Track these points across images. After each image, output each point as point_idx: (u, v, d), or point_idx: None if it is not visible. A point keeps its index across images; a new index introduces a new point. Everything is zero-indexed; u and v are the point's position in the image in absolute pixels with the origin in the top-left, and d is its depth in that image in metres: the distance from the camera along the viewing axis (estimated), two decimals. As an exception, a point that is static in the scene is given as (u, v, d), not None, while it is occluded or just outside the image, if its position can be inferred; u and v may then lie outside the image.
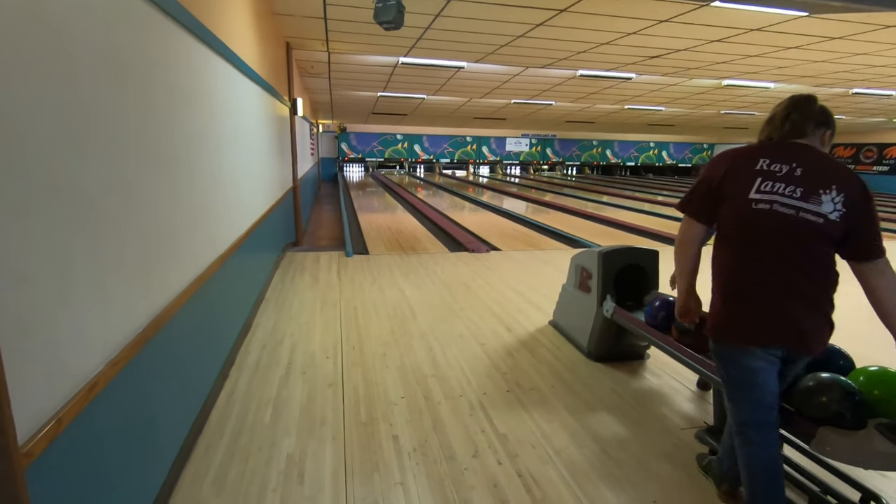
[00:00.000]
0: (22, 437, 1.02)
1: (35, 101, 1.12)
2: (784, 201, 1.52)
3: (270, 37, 4.83)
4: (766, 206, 1.53)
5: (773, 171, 1.55)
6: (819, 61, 6.53)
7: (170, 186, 1.99)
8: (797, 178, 1.52)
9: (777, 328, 1.57)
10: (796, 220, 1.51)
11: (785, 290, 1.55)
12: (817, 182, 1.52)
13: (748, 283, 1.59)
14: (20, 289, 1.06)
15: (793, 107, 1.62)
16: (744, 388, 1.65)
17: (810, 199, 1.51)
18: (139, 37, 1.73)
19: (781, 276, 1.55)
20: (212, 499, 1.90)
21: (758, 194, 1.54)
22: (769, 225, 1.53)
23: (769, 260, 1.55)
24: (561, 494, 1.98)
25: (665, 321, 2.59)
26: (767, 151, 1.60)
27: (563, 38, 5.66)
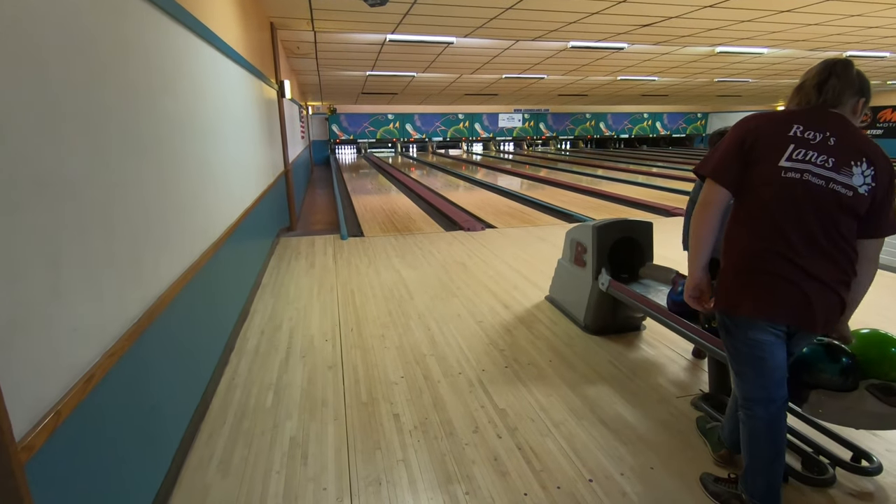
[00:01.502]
0: (20, 432, 1.02)
1: (10, 93, 1.09)
2: (816, 171, 1.43)
3: (253, 17, 4.71)
4: (797, 176, 1.44)
5: (808, 139, 1.44)
6: (812, 24, 6.44)
7: (156, 174, 1.96)
8: (830, 147, 1.44)
9: (789, 304, 1.48)
10: (825, 191, 1.43)
11: (803, 265, 1.46)
12: (850, 153, 1.44)
13: (765, 255, 1.49)
14: (11, 284, 1.05)
15: (831, 72, 1.49)
16: (751, 363, 1.59)
17: (841, 171, 1.43)
18: (115, 22, 1.68)
19: (801, 250, 1.46)
20: (217, 483, 1.93)
21: (789, 162, 1.44)
22: (797, 196, 1.44)
23: (791, 233, 1.46)
24: (560, 465, 2.02)
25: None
26: (801, 117, 1.49)
27: (553, 9, 5.55)
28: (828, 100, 1.49)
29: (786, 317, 1.51)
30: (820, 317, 1.49)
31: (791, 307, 1.49)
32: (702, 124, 26.91)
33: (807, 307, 1.48)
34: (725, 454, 1.98)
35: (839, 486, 1.87)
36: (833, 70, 1.49)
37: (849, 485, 1.88)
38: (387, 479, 1.95)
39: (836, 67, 1.50)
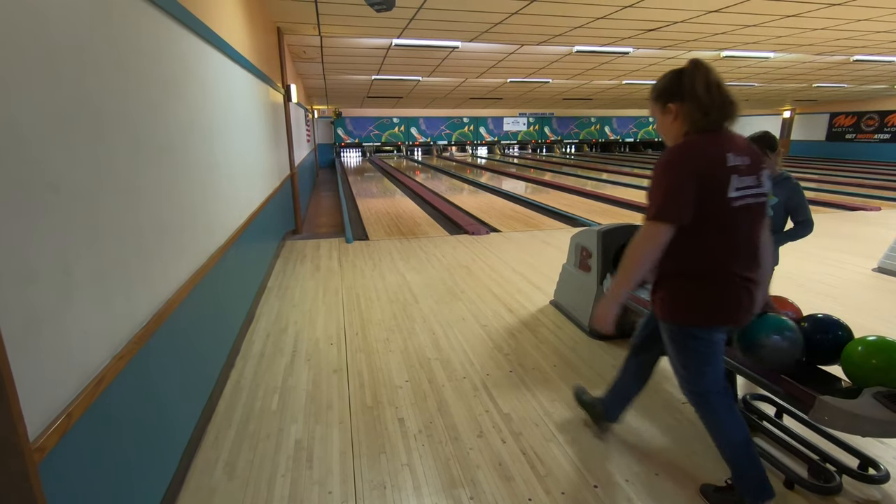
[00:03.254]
0: (33, 434, 1.04)
1: (28, 100, 1.12)
2: (752, 192, 1.59)
3: (260, 22, 4.75)
4: (741, 203, 1.57)
5: (739, 167, 1.56)
6: (819, 29, 6.42)
7: (165, 179, 1.98)
8: (749, 167, 1.58)
9: (749, 310, 1.68)
10: (758, 205, 1.62)
11: (751, 276, 1.64)
12: (757, 166, 1.61)
13: (726, 274, 1.62)
14: (24, 288, 1.07)
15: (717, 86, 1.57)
16: (709, 362, 1.73)
17: (760, 183, 1.61)
18: (126, 27, 1.70)
19: (750, 263, 1.64)
20: (223, 485, 1.94)
21: (736, 192, 1.56)
22: (745, 218, 1.60)
23: (743, 251, 1.62)
24: (565, 470, 2.02)
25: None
26: (729, 145, 1.57)
27: (558, 14, 5.56)
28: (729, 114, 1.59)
29: (747, 319, 1.71)
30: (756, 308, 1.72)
31: (748, 311, 1.69)
32: (707, 128, 26.80)
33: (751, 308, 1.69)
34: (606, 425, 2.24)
35: (846, 494, 1.86)
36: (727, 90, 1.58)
37: (855, 493, 1.87)
38: (391, 483, 1.95)
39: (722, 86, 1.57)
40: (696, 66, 1.57)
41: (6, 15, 1.07)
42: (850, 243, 5.74)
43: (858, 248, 5.53)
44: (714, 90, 1.56)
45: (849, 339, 1.91)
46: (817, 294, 4.06)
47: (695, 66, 1.58)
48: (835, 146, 19.92)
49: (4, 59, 1.05)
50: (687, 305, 1.67)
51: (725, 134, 1.59)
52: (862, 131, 19.04)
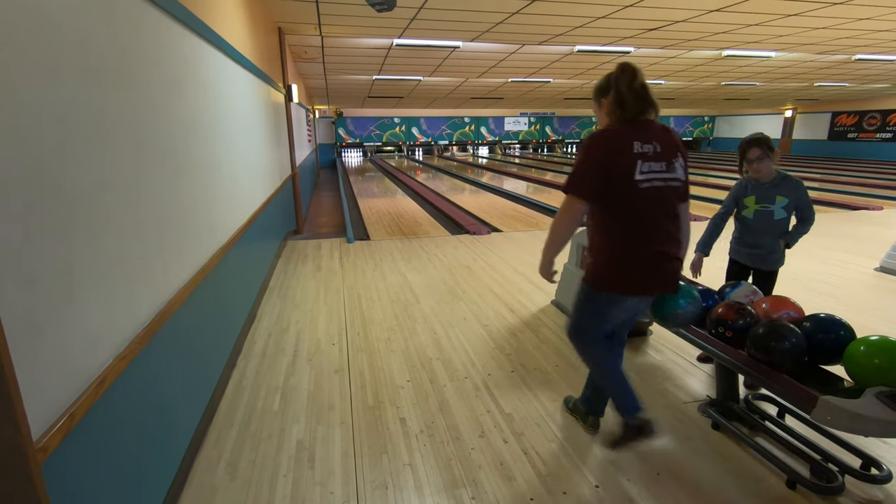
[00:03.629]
0: (36, 434, 1.04)
1: (31, 102, 1.12)
2: (658, 177, 1.79)
3: (261, 23, 4.75)
4: (648, 185, 1.78)
5: (646, 153, 1.77)
6: (820, 28, 6.41)
7: (166, 179, 1.98)
8: (659, 154, 1.79)
9: (656, 282, 1.92)
10: (667, 189, 1.82)
11: (661, 250, 1.85)
12: (670, 153, 1.81)
13: (637, 249, 1.84)
14: (27, 289, 1.07)
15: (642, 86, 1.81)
16: (604, 321, 2.02)
17: (671, 169, 1.81)
18: (127, 28, 1.70)
19: (659, 239, 1.85)
20: (225, 485, 1.94)
21: (641, 175, 1.76)
22: (651, 199, 1.80)
23: (651, 227, 1.83)
24: (566, 470, 2.02)
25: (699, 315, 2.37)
26: (636, 134, 1.78)
27: (559, 14, 5.56)
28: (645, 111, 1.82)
29: (656, 291, 2.01)
30: (673, 283, 1.95)
31: (658, 285, 1.94)
32: (709, 128, 26.79)
33: (667, 280, 1.92)
34: (592, 420, 2.27)
35: (848, 494, 1.86)
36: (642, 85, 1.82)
37: (858, 493, 1.87)
38: (393, 483, 1.95)
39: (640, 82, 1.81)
40: (622, 69, 1.83)
41: (9, 15, 1.07)
42: (852, 243, 5.73)
43: (860, 247, 5.52)
44: (633, 90, 1.79)
45: (851, 339, 1.91)
46: (819, 294, 4.05)
47: (622, 69, 1.83)
48: (837, 145, 19.88)
49: (7, 60, 1.05)
50: (601, 273, 1.91)
51: (641, 125, 1.81)
52: (864, 130, 19.00)
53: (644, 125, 1.81)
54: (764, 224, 2.68)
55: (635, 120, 1.81)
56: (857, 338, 1.89)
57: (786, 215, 2.64)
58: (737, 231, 2.85)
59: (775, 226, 2.66)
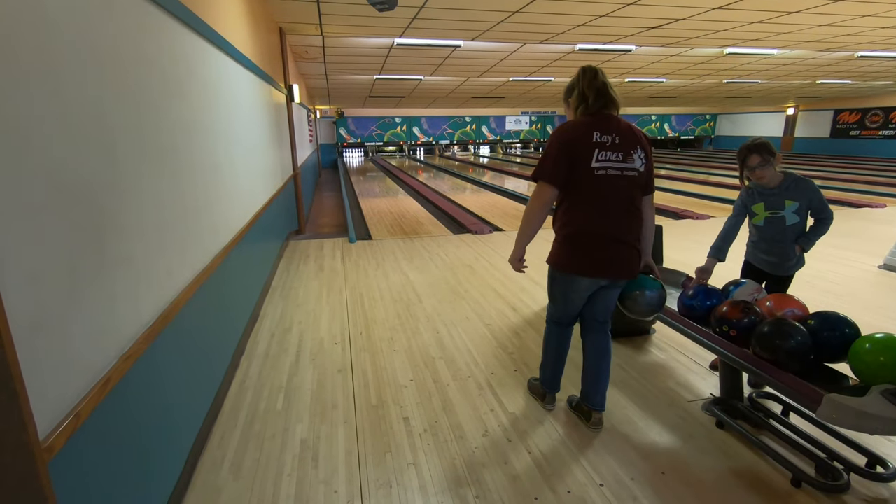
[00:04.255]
0: (42, 433, 1.04)
1: (33, 101, 1.12)
2: (614, 165, 1.96)
3: (263, 23, 4.76)
4: (604, 172, 1.96)
5: (604, 143, 1.95)
6: (823, 25, 6.39)
7: (169, 179, 1.99)
8: (617, 145, 1.97)
9: (607, 266, 2.06)
10: (622, 178, 1.98)
11: (615, 236, 2.02)
12: (629, 145, 1.99)
13: (589, 231, 2.02)
14: (32, 288, 1.07)
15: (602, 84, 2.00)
16: (566, 302, 2.22)
17: (628, 160, 1.98)
18: (129, 28, 1.71)
19: (612, 224, 2.01)
20: (229, 485, 1.94)
21: (597, 163, 1.95)
22: (606, 185, 1.97)
23: (604, 212, 2.00)
24: (570, 469, 2.01)
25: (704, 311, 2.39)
26: (596, 125, 1.97)
27: (560, 12, 5.55)
28: (605, 105, 2.01)
29: (605, 274, 2.08)
30: (627, 270, 2.10)
31: (609, 268, 2.06)
32: (710, 126, 26.74)
33: (619, 266, 2.06)
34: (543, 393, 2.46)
35: (853, 493, 1.85)
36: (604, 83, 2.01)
37: (863, 491, 1.86)
38: (397, 482, 1.95)
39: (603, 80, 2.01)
40: (584, 71, 2.03)
41: (11, 15, 1.07)
42: (855, 241, 5.71)
43: (864, 245, 5.51)
44: (593, 87, 2.00)
45: (856, 337, 1.90)
46: (823, 292, 4.04)
47: (583, 71, 2.03)
48: (839, 143, 19.82)
49: (9, 61, 1.05)
50: (561, 255, 2.11)
51: (603, 118, 1.99)
52: (866, 128, 18.94)
53: (605, 118, 2.00)
54: (776, 231, 2.52)
55: (598, 113, 2.00)
56: (862, 335, 1.88)
57: (798, 220, 2.48)
58: (752, 236, 2.69)
59: (789, 232, 2.50)
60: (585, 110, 2.02)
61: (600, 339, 2.27)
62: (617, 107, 2.03)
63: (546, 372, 2.42)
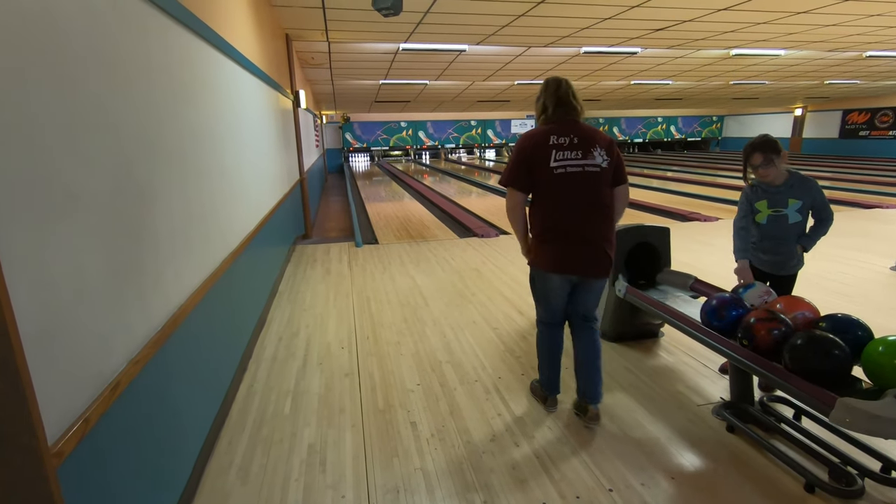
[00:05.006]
0: (51, 438, 1.05)
1: (42, 106, 1.13)
2: (573, 163, 2.11)
3: (269, 29, 4.80)
4: (563, 170, 2.11)
5: (561, 144, 2.11)
6: (830, 25, 6.34)
7: (178, 184, 2.00)
8: (576, 144, 2.12)
9: (571, 263, 2.18)
10: (584, 174, 2.12)
11: (580, 233, 2.14)
12: (588, 144, 2.13)
13: (557, 229, 2.16)
14: (42, 294, 1.08)
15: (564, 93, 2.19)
16: (545, 299, 2.33)
17: (587, 157, 2.12)
18: (139, 37, 1.72)
19: (575, 220, 2.14)
20: (237, 490, 1.95)
21: (556, 162, 2.11)
22: (567, 183, 2.11)
23: (571, 208, 2.13)
24: (579, 474, 2.00)
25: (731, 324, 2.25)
26: (553, 130, 2.15)
27: (565, 15, 5.55)
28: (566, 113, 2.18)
29: (572, 271, 2.20)
30: (594, 268, 2.19)
31: (574, 264, 2.18)
32: (717, 127, 26.60)
33: (589, 260, 2.17)
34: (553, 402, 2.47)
35: (868, 498, 1.82)
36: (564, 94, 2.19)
37: (878, 496, 1.83)
38: (405, 487, 1.95)
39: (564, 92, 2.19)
40: (546, 84, 2.22)
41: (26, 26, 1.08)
42: (866, 242, 5.64)
43: (875, 246, 5.44)
44: (554, 98, 2.18)
45: (869, 339, 1.88)
46: (834, 294, 3.99)
47: (546, 84, 2.22)
48: (848, 143, 19.63)
49: (24, 69, 1.07)
50: (535, 255, 2.26)
51: (562, 123, 2.16)
52: (876, 128, 18.75)
53: (564, 123, 2.17)
54: (779, 229, 2.52)
55: (558, 120, 2.18)
56: (875, 338, 1.86)
57: (801, 218, 2.48)
58: (753, 237, 2.66)
59: (791, 230, 2.50)
60: (546, 119, 2.21)
61: (586, 336, 2.33)
62: (578, 114, 2.20)
63: (542, 374, 2.47)
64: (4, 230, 0.97)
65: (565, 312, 2.35)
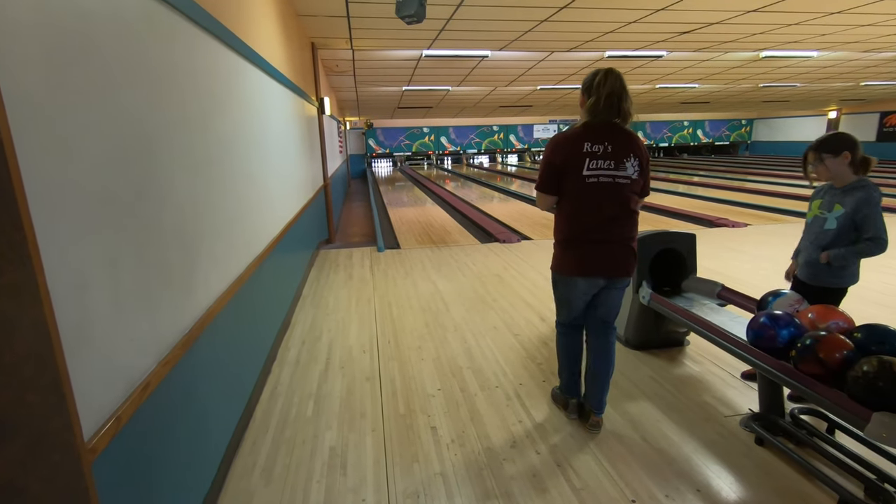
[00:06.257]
0: (87, 434, 1.09)
1: (79, 115, 1.19)
2: (605, 173, 2.09)
3: (296, 39, 4.90)
4: (595, 180, 2.09)
5: (595, 152, 2.08)
6: (866, 25, 6.14)
7: (207, 191, 2.06)
8: (609, 153, 2.08)
9: (597, 265, 2.18)
10: (614, 185, 2.10)
11: (606, 238, 2.15)
12: (622, 154, 2.09)
13: (581, 235, 2.17)
14: (78, 295, 1.13)
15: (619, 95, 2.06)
16: (569, 304, 2.33)
17: (619, 168, 2.09)
18: (169, 46, 1.79)
19: (602, 227, 2.14)
20: (260, 490, 1.98)
21: (588, 171, 2.09)
22: (597, 192, 2.10)
23: (596, 217, 2.13)
24: (601, 484, 1.97)
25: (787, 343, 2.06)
26: (589, 136, 2.09)
27: (588, 20, 5.52)
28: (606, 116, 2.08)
29: (598, 273, 2.19)
30: (621, 268, 2.20)
31: (599, 267, 2.18)
32: (746, 131, 25.94)
33: (611, 264, 2.18)
34: (573, 407, 2.45)
35: (908, 517, 1.74)
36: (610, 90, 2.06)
37: (919, 516, 1.75)
38: (425, 492, 1.95)
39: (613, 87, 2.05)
40: (606, 76, 2.07)
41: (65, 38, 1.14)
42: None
43: (915, 254, 5.21)
44: (606, 98, 2.05)
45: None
46: (870, 303, 3.84)
47: (606, 76, 2.07)
48: (887, 147, 18.90)
49: (63, 81, 1.12)
50: (557, 260, 2.29)
51: (599, 127, 2.10)
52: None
53: (602, 127, 2.10)
54: (812, 232, 2.44)
55: (599, 123, 2.10)
56: (915, 350, 1.78)
57: (836, 227, 2.33)
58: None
59: (822, 236, 2.38)
60: (590, 120, 2.11)
61: (601, 341, 2.33)
62: (624, 118, 2.10)
63: (562, 377, 2.48)
64: (44, 234, 1.01)
65: (586, 316, 2.35)
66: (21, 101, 0.97)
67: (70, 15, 1.16)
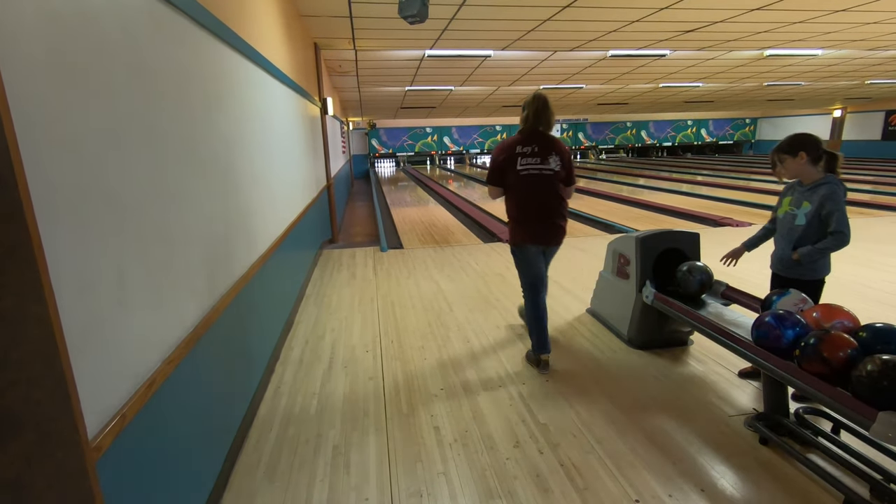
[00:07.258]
0: (91, 433, 1.10)
1: (83, 114, 1.19)
2: (534, 167, 2.82)
3: (299, 39, 4.91)
4: (527, 172, 2.82)
5: (525, 152, 2.82)
6: (871, 23, 6.10)
7: (210, 190, 2.07)
8: (536, 153, 2.82)
9: (541, 235, 2.92)
10: (541, 175, 2.82)
11: (543, 214, 2.88)
12: (546, 152, 2.83)
13: (525, 213, 2.89)
14: (82, 293, 1.14)
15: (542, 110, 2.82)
16: (527, 266, 2.96)
17: (545, 163, 2.82)
18: (174, 47, 1.80)
19: (539, 207, 2.87)
20: (264, 488, 1.99)
21: (521, 167, 2.81)
22: (530, 181, 2.83)
23: (533, 199, 2.86)
24: (605, 483, 1.96)
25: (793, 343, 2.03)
26: (521, 140, 2.85)
27: (591, 19, 5.51)
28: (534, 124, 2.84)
29: (542, 242, 2.94)
30: (556, 237, 2.95)
31: (542, 236, 2.92)
32: (750, 130, 25.83)
33: (549, 234, 2.93)
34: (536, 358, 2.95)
35: (914, 518, 1.73)
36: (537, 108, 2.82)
37: (925, 516, 1.73)
38: (428, 491, 1.95)
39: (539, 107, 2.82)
40: (535, 97, 2.83)
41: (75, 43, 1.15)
42: (911, 248, 5.38)
43: (921, 253, 5.18)
44: (534, 111, 2.82)
45: (913, 350, 1.79)
46: (874, 302, 3.82)
47: (534, 97, 2.84)
48: (892, 146, 18.78)
49: (70, 81, 1.13)
50: (511, 234, 2.99)
51: (530, 134, 2.85)
52: (924, 130, 17.87)
53: (532, 134, 2.84)
54: (784, 228, 2.56)
55: (530, 131, 2.84)
56: (921, 349, 1.77)
57: (806, 223, 2.42)
58: None
59: (793, 232, 2.48)
60: (523, 128, 2.88)
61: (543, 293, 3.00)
62: (547, 126, 2.84)
63: (533, 337, 2.96)
64: (50, 234, 1.02)
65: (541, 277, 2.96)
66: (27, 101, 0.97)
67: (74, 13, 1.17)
